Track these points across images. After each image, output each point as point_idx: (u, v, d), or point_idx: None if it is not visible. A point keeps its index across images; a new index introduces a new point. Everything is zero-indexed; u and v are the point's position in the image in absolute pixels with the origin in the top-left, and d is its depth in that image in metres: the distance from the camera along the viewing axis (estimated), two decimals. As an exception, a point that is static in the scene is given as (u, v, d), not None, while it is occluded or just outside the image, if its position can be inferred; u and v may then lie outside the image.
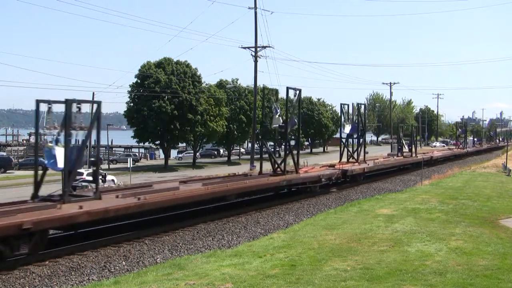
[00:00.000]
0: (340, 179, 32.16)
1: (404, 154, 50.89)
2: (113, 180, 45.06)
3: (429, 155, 56.77)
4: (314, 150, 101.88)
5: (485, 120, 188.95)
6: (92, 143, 22.88)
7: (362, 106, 40.95)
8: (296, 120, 28.94)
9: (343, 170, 31.95)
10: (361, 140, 39.54)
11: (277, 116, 27.55)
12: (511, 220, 17.93)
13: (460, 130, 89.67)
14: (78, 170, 51.20)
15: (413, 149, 52.89)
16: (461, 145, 79.74)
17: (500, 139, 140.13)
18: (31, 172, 17.50)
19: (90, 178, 45.37)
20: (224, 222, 20.56)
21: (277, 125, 27.67)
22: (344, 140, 39.26)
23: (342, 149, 40.00)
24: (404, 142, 53.51)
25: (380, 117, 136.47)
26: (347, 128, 38.18)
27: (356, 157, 38.49)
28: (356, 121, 38.67)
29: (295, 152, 29.33)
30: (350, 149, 39.81)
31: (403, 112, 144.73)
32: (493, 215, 18.92)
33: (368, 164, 38.06)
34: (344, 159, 38.75)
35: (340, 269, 10.78)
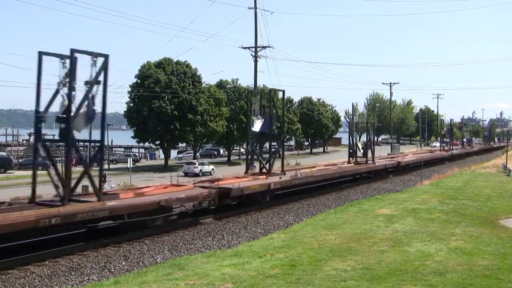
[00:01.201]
0: (213, 202, 21.66)
1: (359, 159, 38.97)
2: (213, 169, 53.15)
3: (395, 160, 45.11)
4: (314, 150, 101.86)
5: (485, 120, 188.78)
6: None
7: (280, 93, 29.99)
8: (95, 110, 16.93)
9: (222, 189, 21.57)
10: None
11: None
12: (511, 220, 17.93)
13: (445, 129, 79.92)
14: (191, 160, 53.55)
15: (369, 153, 39.44)
16: (446, 147, 71.41)
17: (496, 140, 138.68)
18: (31, 172, 17.19)
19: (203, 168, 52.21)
20: (224, 222, 20.56)
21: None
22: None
23: (249, 156, 29.82)
24: (359, 145, 40.06)
25: (380, 117, 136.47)
26: (257, 125, 27.69)
27: (268, 167, 27.97)
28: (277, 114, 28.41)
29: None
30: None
31: (403, 112, 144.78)
32: (493, 215, 18.92)
33: (281, 178, 26.64)
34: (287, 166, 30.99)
35: (340, 269, 10.77)
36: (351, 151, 39.37)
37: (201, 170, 51.54)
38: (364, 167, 37.44)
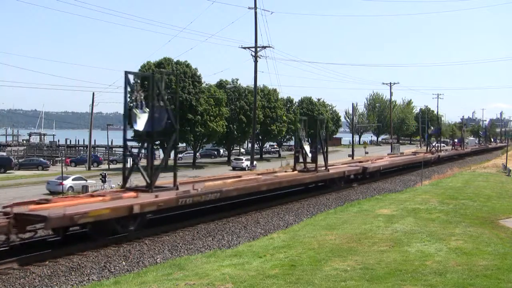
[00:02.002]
0: (6, 240, 14.26)
1: (309, 166, 30.90)
2: (255, 165, 53.40)
3: (360, 166, 36.52)
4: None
5: (485, 120, 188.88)
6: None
7: (161, 77, 21.45)
8: None
9: (26, 216, 14.61)
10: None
11: None
12: (511, 220, 17.94)
13: (432, 128, 72.95)
14: (239, 157, 59.70)
15: (320, 159, 30.84)
16: (433, 147, 65.59)
17: (492, 140, 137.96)
18: (31, 172, 17.14)
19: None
20: (224, 222, 20.56)
21: None
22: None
23: (127, 165, 22.59)
24: (306, 147, 30.68)
25: (380, 117, 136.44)
26: (141, 122, 19.85)
27: (150, 179, 19.82)
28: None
29: None
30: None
31: (403, 112, 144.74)
32: (493, 215, 18.92)
33: (159, 196, 18.42)
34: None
35: (340, 269, 10.77)
36: (296, 155, 31.86)
37: (247, 165, 55.43)
38: (310, 175, 29.59)
